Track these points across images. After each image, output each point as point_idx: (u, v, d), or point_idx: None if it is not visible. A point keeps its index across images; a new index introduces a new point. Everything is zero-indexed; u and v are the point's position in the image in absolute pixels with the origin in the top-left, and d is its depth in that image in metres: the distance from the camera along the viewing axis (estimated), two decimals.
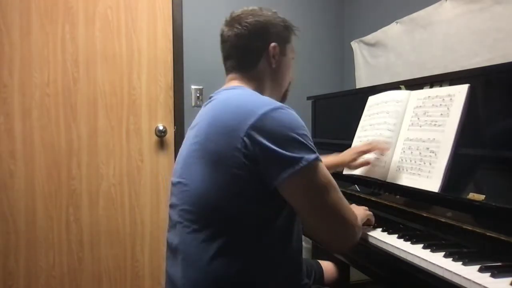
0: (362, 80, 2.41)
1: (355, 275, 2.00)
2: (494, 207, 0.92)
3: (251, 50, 1.04)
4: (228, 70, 1.08)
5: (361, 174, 1.43)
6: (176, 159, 1.05)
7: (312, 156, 0.84)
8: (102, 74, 2.17)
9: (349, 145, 1.56)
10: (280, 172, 0.83)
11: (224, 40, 1.06)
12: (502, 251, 0.87)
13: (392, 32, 2.12)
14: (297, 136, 0.84)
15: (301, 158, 0.82)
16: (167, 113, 2.29)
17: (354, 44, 2.49)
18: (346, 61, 2.66)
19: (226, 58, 1.08)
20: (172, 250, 0.98)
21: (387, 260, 1.00)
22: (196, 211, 0.90)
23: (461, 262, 0.84)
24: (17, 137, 2.04)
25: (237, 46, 1.04)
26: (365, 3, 2.46)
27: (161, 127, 2.24)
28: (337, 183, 1.56)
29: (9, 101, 2.02)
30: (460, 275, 0.79)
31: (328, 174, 0.88)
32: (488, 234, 0.91)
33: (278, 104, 0.89)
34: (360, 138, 1.51)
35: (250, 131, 0.84)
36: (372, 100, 1.53)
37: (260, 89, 1.04)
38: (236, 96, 0.96)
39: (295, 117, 0.88)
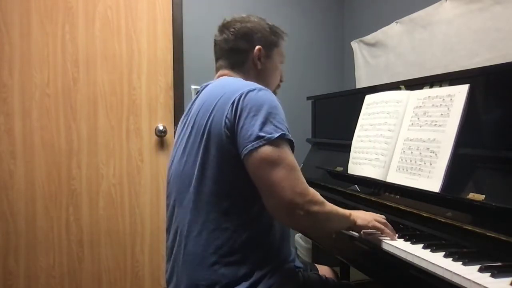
0: (362, 80, 2.41)
1: (355, 275, 2.01)
2: (494, 207, 0.92)
3: (237, 51, 1.16)
4: (218, 69, 1.20)
5: (361, 174, 1.43)
6: (172, 152, 1.16)
7: (276, 134, 0.92)
8: (102, 74, 2.17)
9: (349, 145, 1.56)
10: (244, 147, 0.93)
11: (215, 44, 1.21)
12: (502, 251, 0.87)
13: (392, 32, 2.12)
14: (267, 115, 0.94)
15: (262, 137, 0.92)
16: (167, 113, 2.29)
17: (354, 44, 2.49)
18: (346, 61, 2.66)
19: (217, 59, 1.21)
20: (173, 231, 1.07)
21: (387, 260, 1.00)
22: (189, 194, 1.00)
23: (461, 262, 0.84)
24: (17, 137, 2.04)
25: (225, 49, 1.17)
26: (365, 3, 2.46)
27: (161, 127, 2.24)
28: (338, 183, 1.57)
29: (9, 101, 2.02)
30: (460, 275, 0.79)
31: (284, 152, 0.93)
32: (488, 234, 0.91)
33: (259, 86, 1.01)
34: (361, 138, 1.51)
35: (232, 108, 0.96)
36: (370, 98, 1.53)
37: None
38: (222, 82, 1.08)
39: (271, 97, 0.98)
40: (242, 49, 1.15)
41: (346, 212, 1.05)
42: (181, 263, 1.02)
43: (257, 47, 1.15)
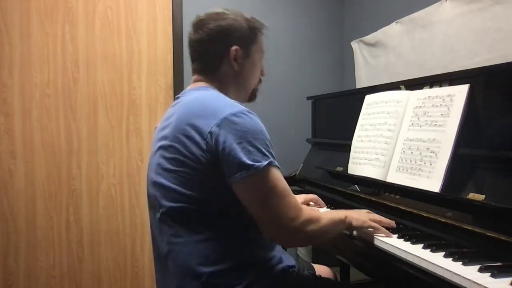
0: (362, 80, 2.41)
1: (355, 275, 2.01)
2: (494, 207, 0.92)
3: (212, 54, 1.08)
4: (193, 72, 1.13)
5: (361, 174, 1.43)
6: (149, 161, 1.09)
7: (264, 163, 0.89)
8: (102, 74, 2.17)
9: (349, 145, 1.56)
10: (231, 175, 0.90)
11: (189, 44, 1.12)
12: (502, 251, 0.87)
13: (392, 32, 2.12)
14: (253, 142, 0.90)
15: (251, 166, 0.88)
16: None
17: (354, 44, 2.49)
18: (346, 61, 2.66)
19: (192, 60, 1.13)
20: (159, 243, 1.03)
21: (387, 260, 1.00)
22: (172, 207, 0.97)
23: (461, 262, 0.84)
24: (17, 137, 2.04)
25: (199, 51, 1.10)
26: (365, 3, 2.46)
27: None
28: (338, 183, 1.57)
29: (9, 101, 2.02)
30: (460, 275, 0.79)
31: (275, 179, 0.91)
32: (488, 234, 0.91)
33: (240, 108, 0.95)
34: (361, 138, 1.51)
35: (212, 134, 0.91)
36: (370, 98, 1.53)
37: (223, 91, 1.07)
38: (201, 98, 1.01)
39: (254, 122, 0.94)
40: (217, 51, 1.07)
41: (341, 215, 1.05)
42: (169, 275, 1.00)
43: (233, 47, 1.06)
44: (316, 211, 0.99)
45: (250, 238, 1.00)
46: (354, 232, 1.12)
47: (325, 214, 1.02)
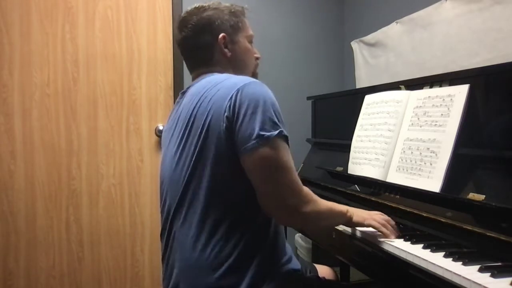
0: (362, 80, 2.41)
1: (355, 275, 2.02)
2: (494, 207, 0.92)
3: (201, 47, 1.10)
4: (191, 69, 1.16)
5: (361, 174, 1.43)
6: (162, 160, 1.12)
7: (274, 132, 0.91)
8: (102, 74, 2.17)
9: (349, 145, 1.56)
10: (242, 145, 0.91)
11: (178, 44, 1.16)
12: (502, 251, 0.87)
13: (392, 32, 2.12)
14: (265, 112, 0.92)
15: (263, 135, 0.90)
16: (167, 113, 2.28)
17: (354, 44, 2.49)
18: (346, 61, 2.66)
19: (185, 59, 1.17)
20: (169, 237, 1.05)
21: (387, 260, 1.00)
22: (193, 199, 0.97)
23: (461, 262, 0.84)
24: (17, 137, 2.04)
25: (188, 48, 1.13)
26: (365, 3, 2.46)
27: (161, 127, 2.24)
28: (338, 183, 1.57)
29: (9, 101, 2.02)
30: (460, 275, 0.78)
31: (282, 151, 0.92)
32: (488, 234, 0.91)
33: (253, 79, 0.98)
34: (361, 138, 1.51)
35: (230, 105, 0.92)
36: (370, 98, 1.53)
37: None
38: (210, 80, 1.02)
39: (268, 92, 0.97)
40: (206, 43, 1.08)
41: (343, 208, 1.04)
42: (178, 271, 1.00)
43: (220, 35, 1.08)
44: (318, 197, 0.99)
45: (258, 239, 1.00)
46: (357, 233, 1.11)
47: (326, 201, 1.01)
